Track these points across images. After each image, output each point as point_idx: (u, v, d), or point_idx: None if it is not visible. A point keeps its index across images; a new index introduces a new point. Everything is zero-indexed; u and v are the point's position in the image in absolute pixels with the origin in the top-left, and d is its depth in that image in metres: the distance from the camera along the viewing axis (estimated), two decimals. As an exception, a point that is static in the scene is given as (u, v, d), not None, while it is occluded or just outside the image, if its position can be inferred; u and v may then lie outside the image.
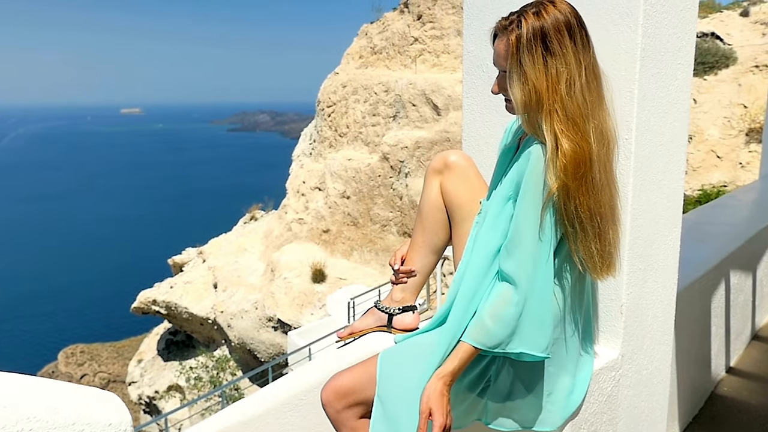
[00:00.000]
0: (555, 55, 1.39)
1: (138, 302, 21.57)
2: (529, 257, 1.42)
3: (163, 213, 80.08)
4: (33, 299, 50.55)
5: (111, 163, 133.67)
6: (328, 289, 15.93)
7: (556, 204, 1.41)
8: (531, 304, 1.42)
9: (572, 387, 1.65)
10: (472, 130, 2.30)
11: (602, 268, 1.52)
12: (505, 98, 1.54)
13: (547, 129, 1.39)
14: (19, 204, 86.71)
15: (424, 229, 1.93)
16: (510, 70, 1.43)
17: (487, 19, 2.18)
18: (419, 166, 16.26)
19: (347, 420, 1.63)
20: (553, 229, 1.44)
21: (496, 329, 1.41)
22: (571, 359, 1.63)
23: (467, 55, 2.25)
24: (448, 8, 17.91)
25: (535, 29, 1.40)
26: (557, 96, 1.38)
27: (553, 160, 1.38)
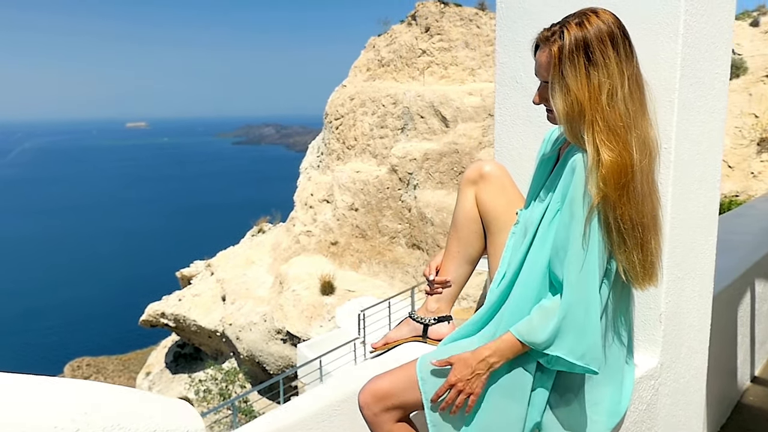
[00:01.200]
0: (597, 66, 1.40)
1: (146, 315, 21.57)
2: (575, 270, 1.43)
3: (170, 226, 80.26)
4: (39, 313, 50.60)
5: (117, 177, 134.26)
6: (337, 302, 15.90)
7: (600, 215, 1.42)
8: (575, 312, 1.44)
9: (619, 397, 1.65)
10: (504, 140, 2.31)
11: (644, 278, 1.52)
12: (546, 109, 1.56)
13: (588, 140, 1.41)
14: (26, 218, 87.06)
15: (459, 239, 1.93)
16: (552, 80, 1.45)
17: (520, 30, 2.20)
18: (428, 177, 16.28)
19: (384, 423, 1.63)
20: (599, 240, 1.44)
21: (540, 329, 1.44)
22: (617, 369, 1.63)
23: (500, 66, 2.27)
24: (456, 20, 18.02)
25: (577, 40, 1.41)
26: (599, 106, 1.39)
27: (594, 170, 1.39)
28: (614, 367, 1.61)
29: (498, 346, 1.48)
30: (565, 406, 1.57)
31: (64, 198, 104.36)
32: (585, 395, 1.57)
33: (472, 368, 1.48)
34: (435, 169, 16.19)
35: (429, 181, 16.25)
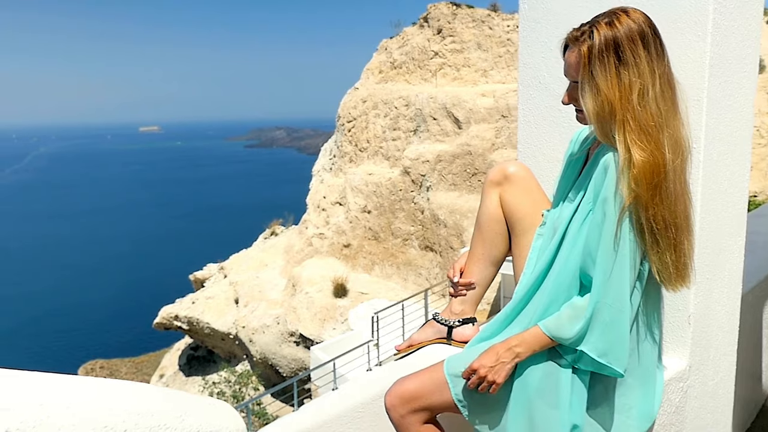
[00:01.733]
0: (628, 65, 1.39)
1: (160, 318, 21.72)
2: (607, 269, 1.43)
3: (183, 229, 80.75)
4: (53, 316, 51.07)
5: (131, 180, 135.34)
6: (350, 304, 15.91)
7: (632, 215, 1.41)
8: (604, 312, 1.43)
9: (652, 400, 1.63)
10: (528, 141, 2.30)
11: (677, 279, 1.50)
12: (576, 109, 1.55)
13: (619, 139, 1.39)
14: (41, 222, 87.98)
15: (484, 241, 1.92)
16: (582, 80, 1.44)
17: (544, 31, 2.19)
18: (440, 179, 16.26)
19: (411, 425, 1.64)
20: (631, 240, 1.43)
21: (568, 325, 1.45)
22: (650, 372, 1.62)
23: (523, 66, 2.27)
24: (468, 22, 18.01)
25: (607, 39, 1.40)
26: (629, 106, 1.38)
27: (626, 170, 1.38)
28: (647, 370, 1.60)
29: (525, 337, 1.49)
30: (600, 410, 1.56)
31: (79, 202, 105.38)
32: (620, 399, 1.56)
33: (498, 355, 1.48)
34: (448, 171, 16.16)
35: (442, 182, 16.23)
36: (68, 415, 0.74)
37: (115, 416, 0.79)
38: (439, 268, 15.66)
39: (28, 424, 0.70)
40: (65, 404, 0.76)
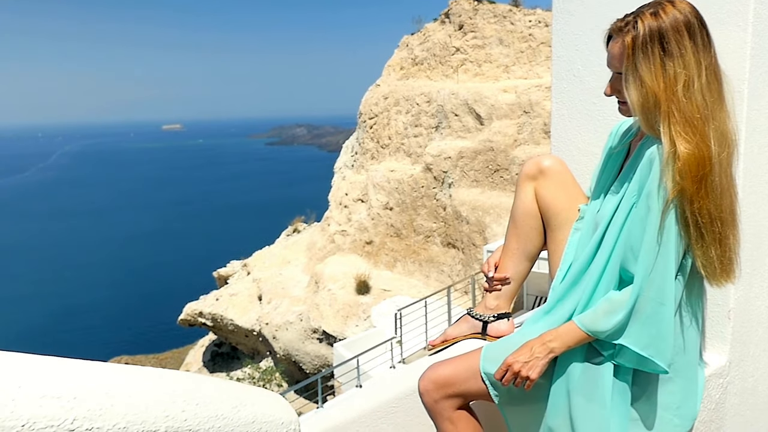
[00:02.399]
0: (673, 57, 1.37)
1: (185, 314, 21.99)
2: (649, 262, 1.42)
3: (206, 226, 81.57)
4: (79, 312, 51.97)
5: (153, 178, 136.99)
6: (373, 301, 15.95)
7: (677, 208, 1.39)
8: (646, 306, 1.42)
9: (695, 397, 1.61)
10: (561, 135, 2.29)
11: (722, 274, 1.48)
12: (618, 101, 1.53)
13: (664, 131, 1.38)
14: (66, 219, 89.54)
15: (518, 235, 1.91)
16: (625, 72, 1.43)
17: (577, 23, 2.17)
18: (462, 176, 16.21)
19: (444, 410, 1.65)
20: (675, 234, 1.42)
21: (604, 319, 1.44)
22: (693, 368, 1.60)
23: (557, 59, 2.25)
24: (489, 17, 17.90)
25: (652, 30, 1.39)
26: (674, 98, 1.37)
27: (671, 163, 1.37)
28: (690, 366, 1.58)
29: (560, 332, 1.49)
30: (643, 407, 1.55)
31: (103, 199, 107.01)
32: (663, 396, 1.55)
33: (532, 351, 1.48)
34: (470, 168, 16.10)
35: (464, 179, 16.17)
36: (131, 404, 0.76)
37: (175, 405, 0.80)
38: (462, 265, 15.62)
39: (94, 412, 0.72)
40: (128, 393, 0.78)
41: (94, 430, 0.72)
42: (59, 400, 0.71)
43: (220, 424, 0.86)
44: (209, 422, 0.84)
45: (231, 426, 0.88)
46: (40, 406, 0.69)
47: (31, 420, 0.67)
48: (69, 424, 0.70)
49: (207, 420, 0.84)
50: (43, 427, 0.68)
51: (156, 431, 0.78)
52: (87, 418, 0.72)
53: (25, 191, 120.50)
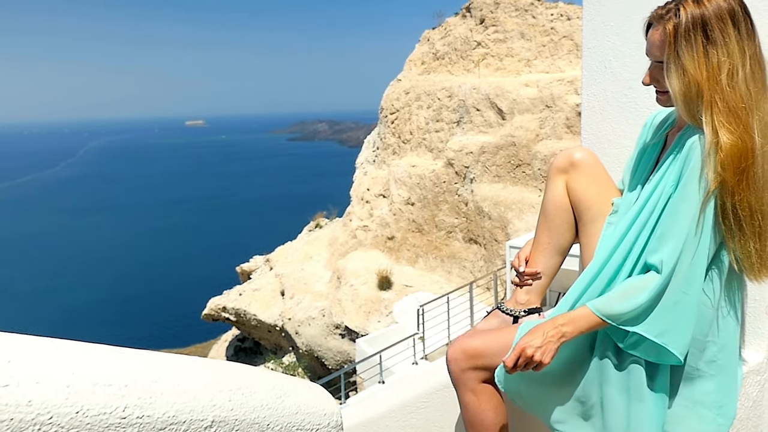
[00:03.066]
0: (716, 45, 1.35)
1: (208, 309, 22.22)
2: (678, 250, 1.39)
3: (229, 221, 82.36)
4: (104, 306, 52.87)
5: (177, 174, 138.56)
6: (395, 297, 15.96)
7: (716, 200, 1.37)
8: (669, 292, 1.40)
9: (735, 395, 1.58)
10: (592, 127, 2.26)
11: (761, 269, 1.45)
12: (656, 90, 1.51)
13: (706, 121, 1.35)
14: (92, 214, 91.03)
15: (549, 230, 1.89)
16: (667, 60, 1.40)
17: (609, 13, 2.14)
18: (484, 171, 16.12)
19: (469, 381, 1.65)
20: (711, 226, 1.39)
21: (619, 304, 1.42)
22: (732, 365, 1.57)
23: (587, 51, 2.22)
24: (511, 11, 17.74)
25: (694, 18, 1.36)
26: (718, 87, 1.34)
27: (713, 153, 1.34)
28: (730, 364, 1.55)
29: (573, 316, 1.46)
30: (685, 406, 1.52)
31: (128, 195, 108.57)
32: (706, 395, 1.52)
33: (545, 334, 1.44)
34: (492, 163, 16.00)
35: (486, 174, 16.08)
36: (179, 393, 0.77)
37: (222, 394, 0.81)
38: (484, 261, 15.55)
39: (144, 400, 0.73)
40: (176, 381, 0.78)
41: (144, 418, 0.73)
42: (111, 388, 0.72)
43: (265, 413, 0.86)
44: (255, 412, 0.85)
45: (275, 416, 0.88)
46: (93, 393, 0.70)
47: (85, 407, 0.69)
48: (120, 412, 0.71)
49: (252, 409, 0.85)
50: (96, 414, 0.69)
51: (204, 419, 0.79)
52: (137, 406, 0.73)
53: (53, 186, 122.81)
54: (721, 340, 1.51)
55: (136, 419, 0.72)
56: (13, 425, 0.63)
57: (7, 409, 0.63)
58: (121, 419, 0.71)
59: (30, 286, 58.39)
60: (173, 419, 0.75)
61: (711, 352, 1.50)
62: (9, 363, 0.66)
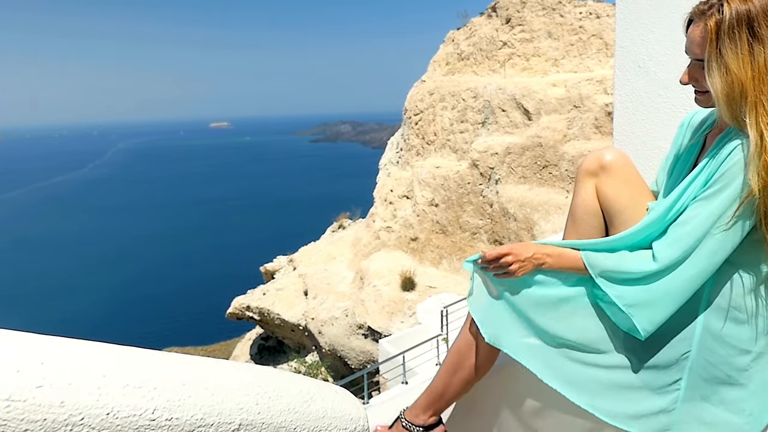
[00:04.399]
0: (763, 42, 1.28)
1: (233, 308, 22.44)
2: (682, 250, 1.37)
3: (253, 222, 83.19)
4: (131, 305, 53.76)
5: (202, 175, 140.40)
6: (418, 298, 15.91)
7: (755, 207, 1.32)
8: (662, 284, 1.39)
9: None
10: (625, 127, 2.21)
11: None
12: (695, 90, 1.46)
13: (750, 123, 1.29)
14: (118, 214, 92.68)
15: (578, 234, 1.84)
16: (708, 59, 1.34)
17: (643, 12, 2.09)
18: (510, 172, 15.98)
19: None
20: (740, 232, 1.35)
21: (607, 261, 1.44)
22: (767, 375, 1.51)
23: (620, 50, 2.17)
24: (538, 10, 17.57)
25: (740, 14, 1.30)
26: (765, 87, 1.28)
27: (757, 157, 1.28)
28: (764, 373, 1.48)
29: (562, 251, 1.49)
30: (711, 411, 1.48)
31: (155, 196, 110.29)
32: (734, 403, 1.47)
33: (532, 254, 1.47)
34: (517, 164, 15.86)
35: (511, 175, 15.95)
36: (207, 395, 0.76)
37: (249, 397, 0.80)
38: (508, 263, 15.42)
39: (173, 402, 0.73)
40: (204, 384, 0.78)
41: (173, 420, 0.72)
42: (141, 390, 0.71)
43: (292, 417, 0.85)
44: (282, 416, 0.84)
45: (302, 420, 0.87)
46: (123, 395, 0.70)
47: (116, 409, 0.68)
48: (150, 414, 0.71)
49: (279, 413, 0.84)
50: (126, 416, 0.69)
51: (231, 422, 0.78)
52: (166, 408, 0.72)
53: (82, 187, 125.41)
54: (758, 348, 1.46)
55: (165, 421, 0.72)
56: (46, 425, 0.63)
57: (40, 409, 0.63)
58: (150, 421, 0.71)
59: (60, 284, 59.66)
60: (201, 422, 0.75)
61: (744, 361, 1.45)
62: (42, 365, 0.67)
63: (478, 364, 1.61)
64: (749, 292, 1.43)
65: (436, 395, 1.65)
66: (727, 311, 1.44)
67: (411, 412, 1.68)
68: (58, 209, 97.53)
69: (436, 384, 1.65)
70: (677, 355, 1.46)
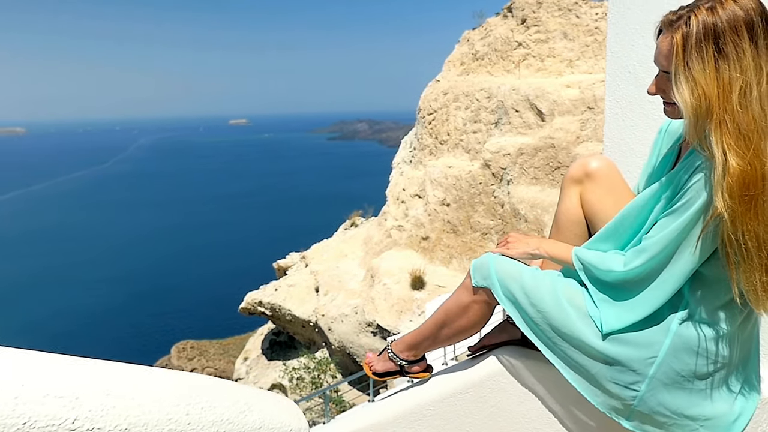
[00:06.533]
0: (728, 59, 1.24)
1: (245, 303, 22.58)
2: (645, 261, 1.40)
3: (268, 218, 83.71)
4: (149, 298, 54.36)
5: (220, 171, 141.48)
6: (427, 297, 15.89)
7: (719, 228, 1.29)
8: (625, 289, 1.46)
9: (735, 415, 1.52)
10: (614, 134, 2.18)
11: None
12: (663, 101, 1.43)
13: (715, 142, 1.25)
14: (139, 208, 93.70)
15: (561, 241, 1.84)
16: (675, 71, 1.31)
17: (634, 17, 2.06)
18: (522, 173, 15.89)
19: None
20: (705, 249, 1.35)
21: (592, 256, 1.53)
22: (733, 386, 1.51)
23: (611, 55, 2.15)
24: (554, 11, 17.43)
25: (706, 27, 1.25)
26: (729, 106, 1.24)
27: (720, 178, 1.25)
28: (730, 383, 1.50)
29: (557, 245, 1.64)
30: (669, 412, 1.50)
31: (173, 191, 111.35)
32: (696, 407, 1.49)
33: (527, 242, 1.68)
34: (530, 165, 15.76)
35: (523, 176, 15.85)
36: (133, 406, 0.76)
37: (178, 408, 0.80)
38: (519, 264, 15.34)
39: (95, 412, 0.72)
40: (131, 394, 0.78)
41: (94, 430, 0.72)
42: (62, 400, 0.71)
43: (225, 428, 0.85)
44: (213, 427, 0.83)
45: (236, 431, 0.86)
46: (42, 404, 0.70)
47: (33, 418, 0.68)
48: (70, 424, 0.70)
49: (211, 424, 0.83)
50: (44, 426, 0.69)
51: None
52: (88, 418, 0.72)
53: (103, 182, 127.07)
54: (722, 360, 1.46)
55: (86, 431, 0.72)
56: (-44, 435, 0.63)
57: (-49, 418, 0.63)
58: (71, 431, 0.70)
59: (78, 276, 60.45)
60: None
61: (708, 370, 1.46)
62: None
63: (464, 326, 1.80)
64: (723, 307, 1.43)
65: (421, 339, 1.90)
66: (698, 323, 1.44)
67: (396, 346, 1.97)
68: (79, 202, 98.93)
69: (422, 331, 1.88)
70: (643, 358, 1.47)
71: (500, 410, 1.94)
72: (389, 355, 1.97)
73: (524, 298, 1.62)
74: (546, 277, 1.63)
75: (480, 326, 1.82)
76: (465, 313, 1.77)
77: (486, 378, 1.93)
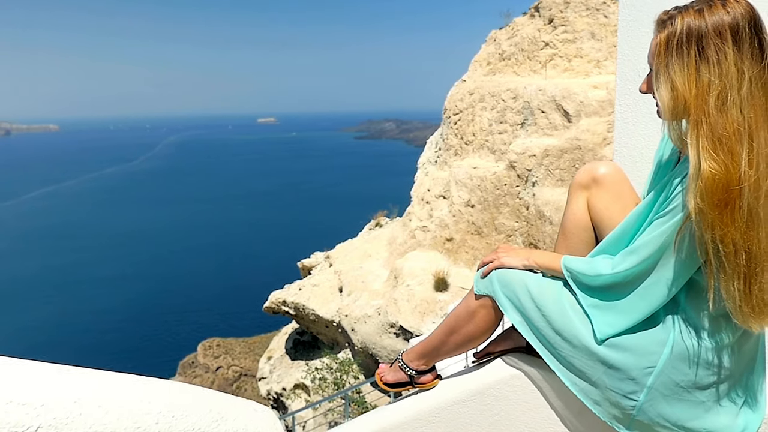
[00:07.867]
0: (709, 62, 1.22)
1: (269, 302, 22.73)
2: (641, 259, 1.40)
3: (293, 217, 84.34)
4: (176, 296, 55.19)
5: (248, 169, 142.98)
6: (450, 298, 15.82)
7: (694, 231, 1.28)
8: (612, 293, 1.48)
9: (739, 429, 1.49)
10: (624, 138, 2.14)
11: (748, 314, 1.31)
12: (656, 102, 1.43)
13: (691, 143, 1.24)
14: (167, 206, 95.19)
15: (568, 248, 1.82)
16: (657, 70, 1.31)
17: (645, 19, 2.02)
18: (547, 175, 15.71)
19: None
20: (684, 259, 1.33)
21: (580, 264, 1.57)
22: (736, 398, 1.48)
23: (621, 58, 2.10)
24: (581, 10, 17.19)
25: (689, 29, 1.24)
26: (706, 108, 1.22)
27: (694, 181, 1.23)
28: (731, 397, 1.47)
29: (547, 254, 1.69)
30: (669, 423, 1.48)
31: (202, 189, 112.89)
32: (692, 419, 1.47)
33: (516, 254, 1.73)
34: (555, 166, 15.57)
35: (549, 178, 15.67)
36: (101, 413, 0.76)
37: (149, 416, 0.80)
38: (544, 266, 15.17)
39: (60, 420, 0.73)
40: (99, 402, 0.78)
41: (58, 438, 0.72)
42: (25, 407, 0.72)
43: (195, 437, 0.84)
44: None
45: (208, 440, 0.86)
46: (5, 412, 0.70)
47: (-7, 426, 0.69)
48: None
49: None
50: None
51: (126, 442, 0.78)
52: (53, 426, 0.72)
53: (132, 179, 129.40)
54: (730, 372, 1.44)
55: (50, 439, 0.72)
56: None
57: None
58: (33, 439, 0.71)
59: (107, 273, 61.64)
60: (91, 441, 0.75)
61: (708, 381, 1.44)
62: None
63: (472, 333, 1.80)
64: (723, 316, 1.40)
65: (431, 348, 1.93)
66: (697, 333, 1.42)
67: (407, 356, 1.99)
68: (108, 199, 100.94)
69: (432, 339, 1.91)
70: (642, 367, 1.45)
71: (504, 419, 1.93)
72: (400, 365, 1.98)
73: (530, 302, 1.63)
74: (550, 282, 1.64)
75: (488, 333, 1.83)
76: (472, 319, 1.78)
77: (490, 386, 1.92)
